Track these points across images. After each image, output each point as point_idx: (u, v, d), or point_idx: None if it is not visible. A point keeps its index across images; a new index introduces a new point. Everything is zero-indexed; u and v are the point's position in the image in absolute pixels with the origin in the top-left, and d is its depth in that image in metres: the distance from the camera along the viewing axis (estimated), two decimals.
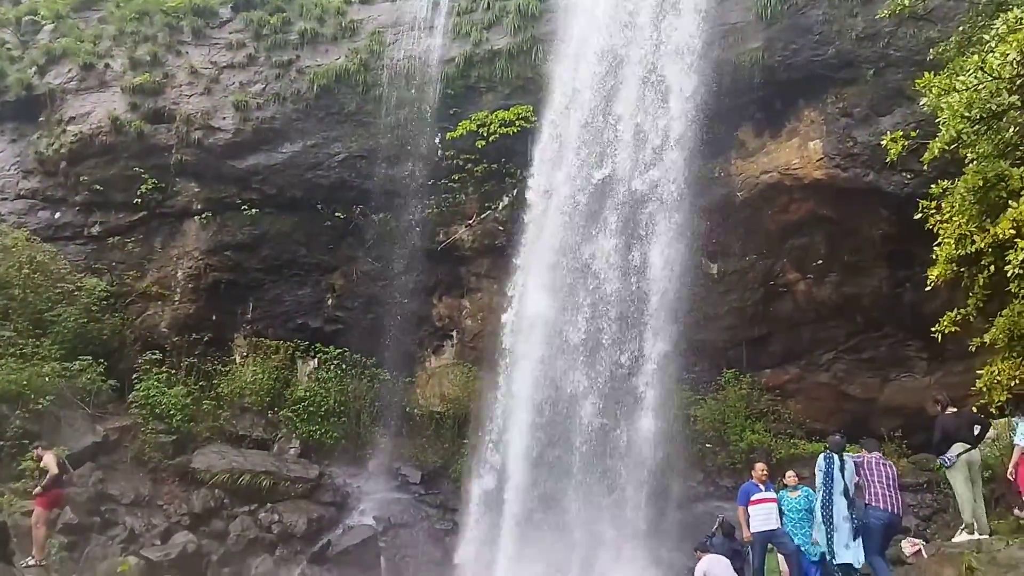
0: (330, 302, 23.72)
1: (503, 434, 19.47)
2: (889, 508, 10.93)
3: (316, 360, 23.09)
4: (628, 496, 18.94)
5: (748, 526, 12.43)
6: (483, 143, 21.79)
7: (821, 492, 11.23)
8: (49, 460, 15.41)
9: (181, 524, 18.80)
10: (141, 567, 17.08)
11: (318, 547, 18.99)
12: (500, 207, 22.32)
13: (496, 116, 21.76)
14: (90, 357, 20.62)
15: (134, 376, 21.21)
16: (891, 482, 11.17)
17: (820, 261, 20.63)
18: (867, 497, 11.08)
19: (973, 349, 13.67)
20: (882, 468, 11.36)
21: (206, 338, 22.90)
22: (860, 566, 10.93)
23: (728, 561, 12.68)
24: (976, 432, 12.43)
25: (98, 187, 23.48)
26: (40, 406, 18.65)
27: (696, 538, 14.90)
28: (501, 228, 22.27)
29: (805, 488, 12.41)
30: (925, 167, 14.51)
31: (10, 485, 17.18)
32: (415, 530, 19.97)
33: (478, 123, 21.92)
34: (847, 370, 21.26)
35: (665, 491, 19.38)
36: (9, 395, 18.56)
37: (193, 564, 17.74)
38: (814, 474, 12.72)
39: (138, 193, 23.34)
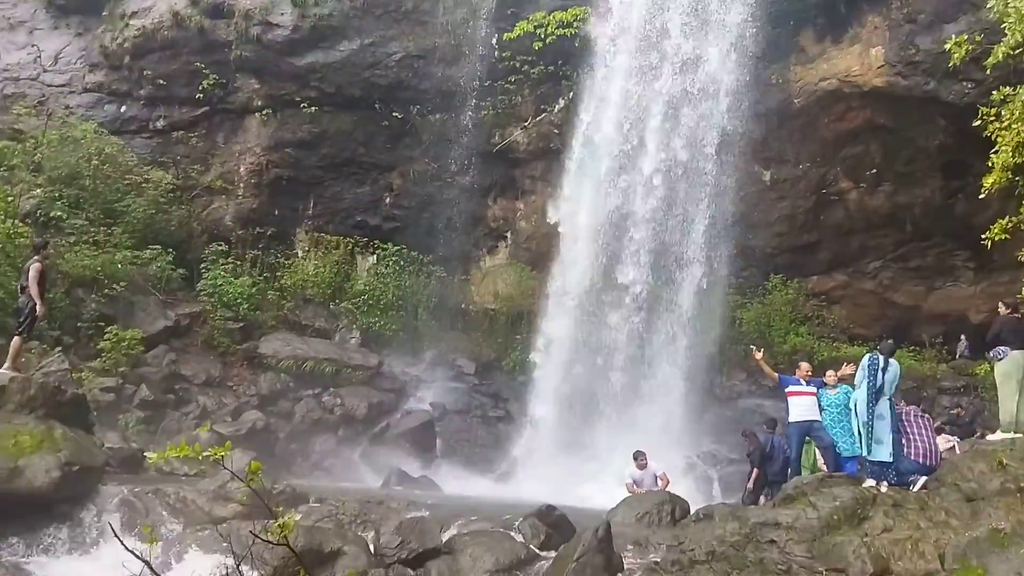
0: (388, 201, 24.36)
1: None
2: (928, 461, 10.71)
3: (375, 256, 23.87)
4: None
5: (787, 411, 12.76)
6: (540, 44, 21.86)
7: (861, 390, 11.00)
8: None
9: (250, 404, 19.67)
10: (214, 440, 18.04)
11: (378, 429, 20.00)
12: (556, 110, 22.54)
13: (554, 17, 21.78)
14: (159, 246, 21.40)
15: (202, 266, 22.01)
16: (930, 434, 11.02)
17: (874, 170, 20.81)
18: (906, 449, 10.96)
19: (1022, 258, 13.81)
20: (921, 420, 11.10)
21: (269, 232, 23.70)
22: (891, 460, 11.05)
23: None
24: None
25: (161, 82, 23.96)
26: (114, 291, 19.41)
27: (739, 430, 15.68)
28: (556, 131, 22.54)
29: (844, 386, 12.40)
30: (988, 74, 14.35)
31: (89, 364, 17.98)
32: (469, 417, 20.95)
33: (535, 24, 21.94)
34: (893, 278, 21.67)
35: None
36: (84, 280, 19.26)
37: (262, 440, 18.50)
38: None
39: (200, 88, 23.80)
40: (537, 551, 9.75)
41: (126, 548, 6.29)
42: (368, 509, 11.24)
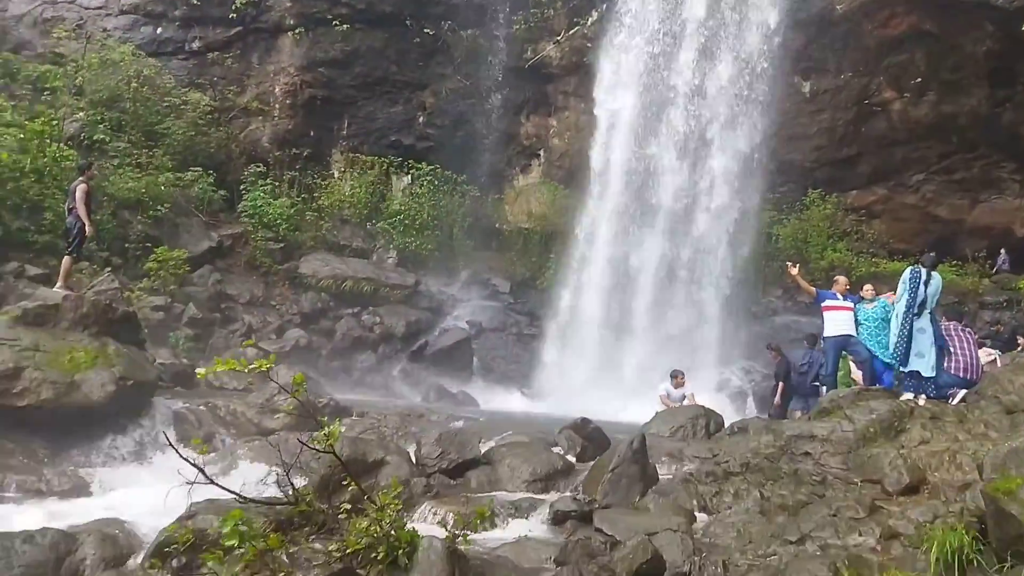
0: (421, 119, 24.26)
1: None
2: (969, 375, 10.53)
3: (409, 176, 23.90)
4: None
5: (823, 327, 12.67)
6: None
7: (901, 303, 10.65)
8: None
9: (293, 322, 20.23)
10: (260, 357, 18.43)
11: (416, 346, 20.52)
12: (589, 23, 22.00)
13: None
14: (200, 168, 21.65)
15: (241, 187, 22.33)
16: (972, 348, 10.76)
17: (919, 79, 20.18)
18: (946, 363, 10.61)
19: None
20: (963, 334, 10.87)
21: (305, 153, 23.77)
22: (932, 374, 10.98)
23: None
24: None
25: (195, 1, 23.70)
26: (158, 212, 19.82)
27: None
28: (589, 45, 22.05)
29: (882, 300, 12.33)
30: None
31: (138, 284, 18.48)
32: (504, 335, 21.34)
33: None
34: (936, 191, 21.23)
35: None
36: (130, 202, 19.67)
37: (306, 357, 19.06)
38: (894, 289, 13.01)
39: (233, 8, 23.57)
40: (573, 462, 10.05)
41: (181, 456, 6.71)
42: (409, 422, 11.64)
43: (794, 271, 12.66)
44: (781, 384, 14.53)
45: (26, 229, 16.86)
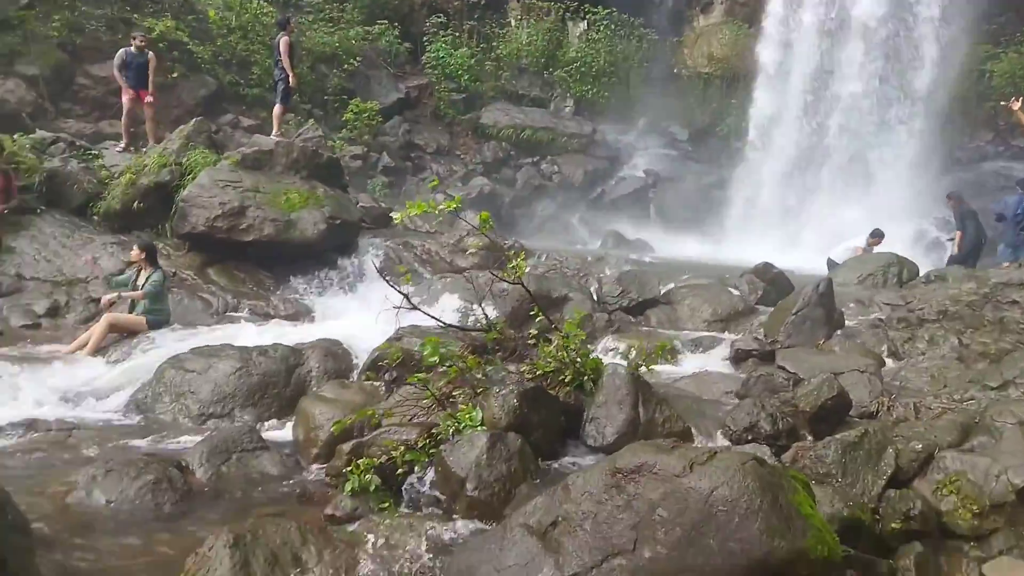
0: None
1: None
2: None
3: (585, 22, 23.33)
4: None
5: None
6: None
7: None
8: None
9: (476, 172, 20.91)
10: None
11: (594, 195, 20.81)
12: None
13: None
14: (386, 21, 22.18)
15: (424, 39, 22.72)
16: None
17: None
18: None
19: None
20: None
21: (483, 1, 23.57)
22: None
23: None
24: None
25: None
26: (352, 66, 20.67)
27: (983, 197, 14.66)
28: None
29: None
30: None
31: (337, 134, 19.52)
32: (683, 183, 21.00)
33: None
34: None
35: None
36: (325, 56, 20.63)
37: (489, 203, 19.39)
38: None
39: None
40: (754, 305, 10.09)
41: (390, 284, 7.40)
42: (589, 264, 12.02)
43: (1016, 106, 11.58)
44: (959, 233, 13.82)
45: (237, 83, 18.46)
